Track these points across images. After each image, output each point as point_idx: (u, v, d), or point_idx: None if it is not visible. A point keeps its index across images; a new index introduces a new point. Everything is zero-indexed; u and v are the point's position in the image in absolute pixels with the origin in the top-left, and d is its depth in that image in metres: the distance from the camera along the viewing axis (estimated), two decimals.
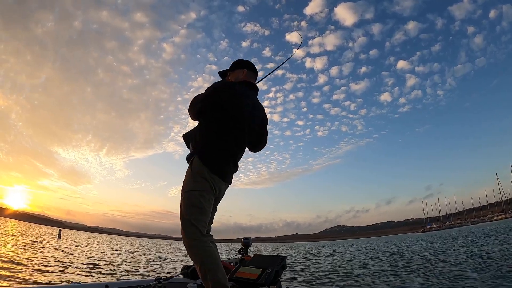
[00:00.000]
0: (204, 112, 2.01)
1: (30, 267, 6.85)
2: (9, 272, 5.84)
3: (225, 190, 2.11)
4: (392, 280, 7.00)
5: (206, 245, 1.82)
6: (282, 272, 2.22)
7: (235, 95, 2.01)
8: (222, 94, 1.98)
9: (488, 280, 5.75)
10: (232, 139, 2.00)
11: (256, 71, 2.30)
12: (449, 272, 7.13)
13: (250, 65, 2.26)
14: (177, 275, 2.46)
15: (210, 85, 2.07)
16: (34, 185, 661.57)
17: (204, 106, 2.00)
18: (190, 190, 1.88)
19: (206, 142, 1.96)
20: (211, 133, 1.98)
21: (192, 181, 1.90)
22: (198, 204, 1.85)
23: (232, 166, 2.07)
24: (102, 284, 2.20)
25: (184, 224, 1.83)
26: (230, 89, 2.02)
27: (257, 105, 2.19)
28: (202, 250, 1.80)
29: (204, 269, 1.76)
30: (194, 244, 1.80)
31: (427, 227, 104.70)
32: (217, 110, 1.97)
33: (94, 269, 7.93)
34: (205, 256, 1.79)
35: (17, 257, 8.17)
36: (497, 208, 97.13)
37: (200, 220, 1.83)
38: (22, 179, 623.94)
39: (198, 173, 1.89)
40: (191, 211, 1.84)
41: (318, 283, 7.36)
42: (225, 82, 2.13)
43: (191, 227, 1.81)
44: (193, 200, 1.86)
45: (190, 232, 1.81)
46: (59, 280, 5.92)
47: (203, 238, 1.82)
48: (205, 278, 1.76)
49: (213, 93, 2.00)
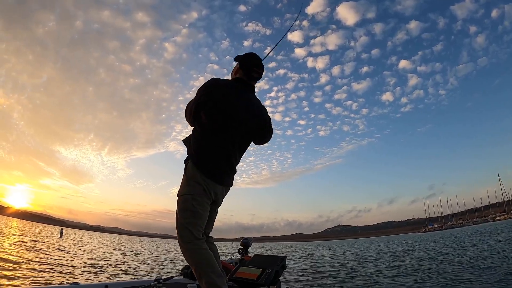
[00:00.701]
0: (197, 113, 1.95)
1: (31, 268, 6.86)
2: (10, 273, 5.86)
3: (225, 193, 2.08)
4: (393, 282, 6.99)
5: (200, 248, 1.84)
6: (282, 272, 2.22)
7: (226, 93, 1.95)
8: (213, 92, 1.93)
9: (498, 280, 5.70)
10: (229, 138, 1.94)
11: (250, 68, 2.10)
12: (454, 273, 7.10)
13: (245, 60, 2.07)
14: (177, 275, 2.46)
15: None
16: (36, 184, 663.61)
17: (197, 106, 1.94)
18: (184, 194, 1.91)
19: (199, 144, 1.94)
20: (205, 131, 1.94)
21: (185, 185, 1.93)
22: (191, 207, 1.87)
23: (228, 168, 2.00)
24: (102, 284, 2.20)
25: (178, 228, 1.87)
26: (220, 86, 1.97)
27: (253, 103, 2.08)
28: (196, 253, 1.82)
29: (199, 271, 1.80)
30: (188, 248, 1.83)
31: (429, 227, 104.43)
32: (210, 107, 1.91)
33: (95, 270, 7.95)
34: (199, 259, 1.82)
35: (18, 257, 8.19)
36: (499, 208, 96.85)
37: (193, 224, 1.85)
38: (24, 178, 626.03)
39: (191, 178, 1.91)
40: (184, 215, 1.87)
41: (318, 283, 7.34)
42: (215, 79, 2.03)
43: (185, 231, 1.84)
44: (186, 204, 1.88)
45: (184, 235, 1.84)
46: (59, 280, 5.93)
47: (197, 241, 1.84)
48: (201, 280, 1.80)
49: (203, 91, 1.94)
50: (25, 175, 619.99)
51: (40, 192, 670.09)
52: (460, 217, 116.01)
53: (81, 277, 6.56)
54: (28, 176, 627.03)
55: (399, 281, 6.91)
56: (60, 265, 7.83)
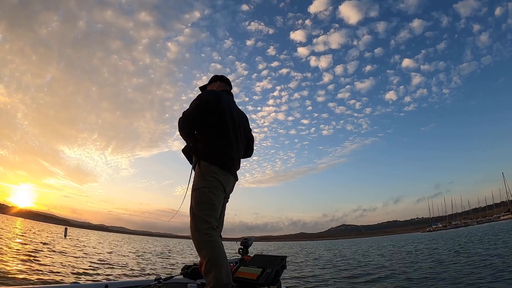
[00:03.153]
0: (199, 124, 2.08)
1: (34, 268, 6.90)
2: (13, 273, 5.89)
3: (234, 186, 2.23)
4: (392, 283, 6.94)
5: (217, 240, 1.88)
6: (282, 272, 2.21)
7: (224, 101, 2.13)
8: (211, 101, 2.08)
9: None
10: (234, 140, 2.13)
11: (230, 82, 2.45)
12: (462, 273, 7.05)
13: (224, 78, 2.42)
14: (177, 275, 2.46)
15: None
16: (40, 184, 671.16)
17: (198, 116, 2.06)
18: (200, 188, 1.96)
19: (209, 145, 2.05)
20: (212, 135, 2.07)
21: (201, 179, 1.98)
22: (209, 200, 1.93)
23: (237, 161, 2.18)
24: (102, 284, 2.19)
25: (196, 221, 1.89)
26: (217, 95, 2.14)
27: (240, 110, 2.36)
28: (211, 246, 1.84)
29: (211, 264, 1.79)
30: (205, 239, 1.85)
31: (433, 227, 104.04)
32: (212, 115, 2.07)
33: (95, 269, 7.97)
34: (214, 251, 1.83)
35: (21, 257, 8.25)
36: (504, 208, 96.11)
37: (211, 216, 1.91)
38: (28, 177, 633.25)
39: (207, 172, 1.97)
40: (202, 207, 1.91)
41: (318, 283, 7.31)
42: (210, 90, 2.26)
43: (204, 223, 1.88)
44: (203, 197, 1.93)
45: (202, 228, 1.87)
46: (60, 279, 5.95)
47: (214, 232, 1.89)
48: (209, 273, 1.78)
49: (201, 101, 2.08)
50: (29, 174, 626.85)
51: (44, 192, 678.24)
52: (465, 216, 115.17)
53: (81, 277, 6.58)
54: (32, 175, 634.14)
55: (398, 281, 6.85)
56: (62, 265, 7.86)
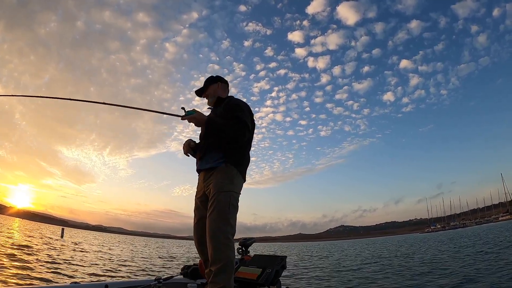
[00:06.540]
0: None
1: (30, 268, 6.88)
2: (10, 273, 5.87)
3: None
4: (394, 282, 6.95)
5: (234, 246, 1.93)
6: (282, 272, 2.21)
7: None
8: (252, 118, 2.19)
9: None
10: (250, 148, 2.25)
11: (228, 83, 2.46)
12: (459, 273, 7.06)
13: (223, 79, 2.43)
14: (177, 275, 2.46)
15: (235, 102, 2.19)
16: (38, 184, 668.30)
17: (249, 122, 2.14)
18: (232, 191, 1.97)
19: (244, 157, 2.13)
20: (248, 150, 2.18)
21: (230, 183, 1.98)
22: (237, 206, 1.97)
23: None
24: (102, 284, 2.20)
25: (224, 223, 1.88)
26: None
27: None
28: (231, 251, 1.87)
29: (226, 268, 1.79)
30: (227, 244, 1.85)
31: (432, 228, 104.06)
32: (252, 132, 2.18)
33: (95, 269, 7.95)
34: (232, 257, 1.86)
35: (18, 258, 8.22)
36: (502, 209, 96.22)
37: (235, 221, 1.95)
38: (26, 178, 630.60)
39: (235, 177, 2.00)
40: (231, 211, 1.92)
41: (318, 283, 7.32)
42: (247, 105, 2.28)
43: (229, 227, 1.89)
44: (234, 201, 1.96)
45: (229, 231, 1.88)
46: (59, 280, 5.93)
47: (233, 238, 1.91)
48: (222, 274, 1.77)
49: (252, 116, 2.20)
50: (27, 175, 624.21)
51: (42, 192, 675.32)
52: (463, 217, 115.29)
53: (81, 276, 6.57)
54: (30, 176, 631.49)
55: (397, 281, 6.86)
56: (61, 265, 7.84)
